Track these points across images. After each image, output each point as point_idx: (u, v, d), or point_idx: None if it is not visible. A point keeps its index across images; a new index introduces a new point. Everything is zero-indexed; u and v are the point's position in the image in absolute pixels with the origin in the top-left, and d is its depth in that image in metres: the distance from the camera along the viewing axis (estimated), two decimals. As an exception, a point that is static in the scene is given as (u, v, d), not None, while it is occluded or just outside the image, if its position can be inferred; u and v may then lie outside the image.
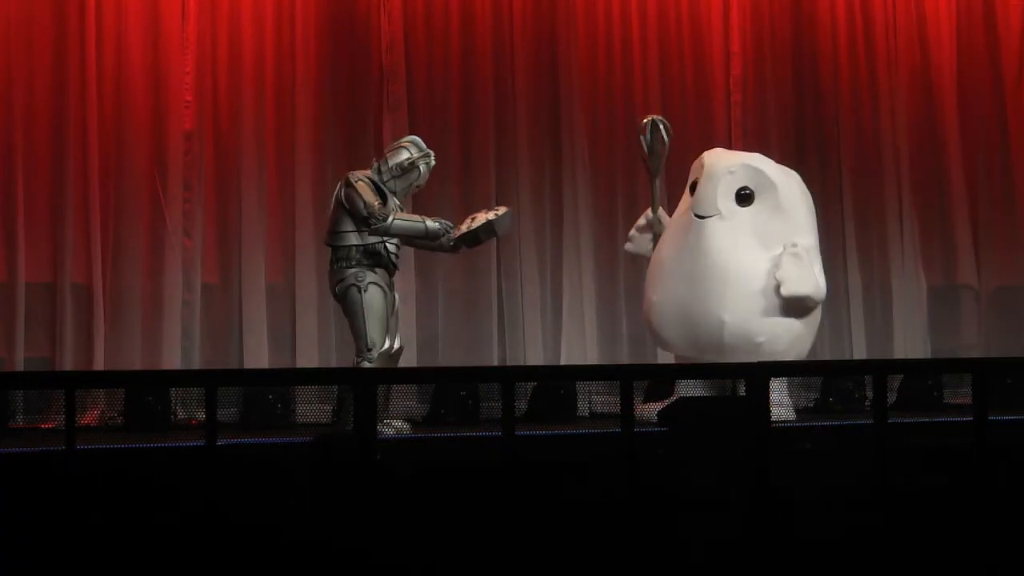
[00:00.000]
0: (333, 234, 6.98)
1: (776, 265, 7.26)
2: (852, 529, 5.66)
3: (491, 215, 7.17)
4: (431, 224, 7.02)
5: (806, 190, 7.71)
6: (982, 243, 9.92)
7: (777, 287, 7.23)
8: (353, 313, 6.89)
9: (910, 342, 9.59)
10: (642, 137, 7.64)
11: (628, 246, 8.05)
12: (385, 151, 7.31)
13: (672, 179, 8.29)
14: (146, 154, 8.55)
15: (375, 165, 7.12)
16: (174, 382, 7.39)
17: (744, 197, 7.41)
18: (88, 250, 8.33)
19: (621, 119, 9.44)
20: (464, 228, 7.14)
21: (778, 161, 9.27)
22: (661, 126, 7.64)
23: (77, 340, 8.25)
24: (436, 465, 5.74)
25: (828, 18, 9.86)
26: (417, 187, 7.26)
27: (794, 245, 7.32)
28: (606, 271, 9.22)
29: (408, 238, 7.05)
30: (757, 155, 7.76)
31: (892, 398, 8.24)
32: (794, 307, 7.30)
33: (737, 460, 5.55)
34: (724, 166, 7.46)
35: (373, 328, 6.83)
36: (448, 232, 7.09)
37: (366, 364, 6.83)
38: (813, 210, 7.69)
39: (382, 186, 7.03)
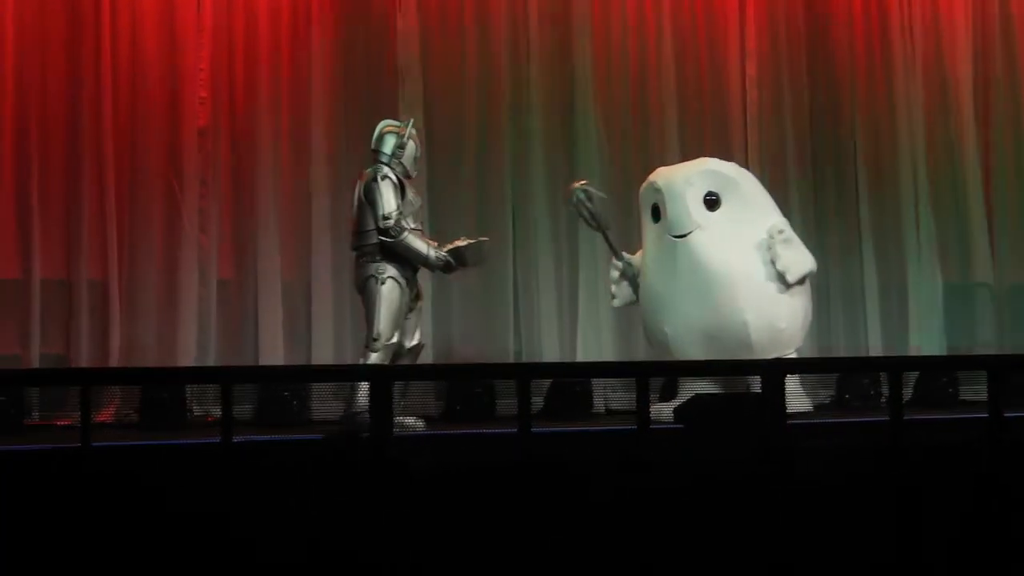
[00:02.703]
0: (359, 235, 7.06)
1: (772, 256, 7.37)
2: (869, 525, 5.64)
3: (465, 242, 7.35)
4: (432, 255, 7.10)
5: (754, 176, 7.91)
6: (998, 241, 9.93)
7: (780, 274, 7.36)
8: (369, 304, 6.96)
9: (926, 339, 9.58)
10: (579, 207, 7.70)
11: (615, 303, 8.03)
12: (373, 148, 7.28)
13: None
14: (161, 150, 8.56)
15: (380, 165, 7.12)
16: (189, 379, 7.40)
17: (712, 202, 7.45)
18: (104, 246, 8.34)
19: (636, 117, 9.44)
20: (451, 246, 7.30)
21: (794, 160, 9.37)
22: (591, 190, 7.70)
23: (92, 337, 8.27)
24: (451, 462, 5.73)
25: (844, 16, 9.85)
26: (420, 157, 7.36)
27: (780, 231, 7.44)
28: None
29: (409, 255, 7.07)
30: (705, 159, 7.86)
31: (908, 395, 8.23)
32: (798, 284, 7.51)
33: (755, 457, 5.54)
34: (682, 180, 7.52)
35: (383, 320, 6.88)
36: (443, 263, 7.18)
37: (371, 355, 6.89)
38: (767, 192, 7.84)
39: (402, 179, 7.05)
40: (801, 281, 7.50)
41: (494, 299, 9.03)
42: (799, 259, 7.46)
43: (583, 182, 7.85)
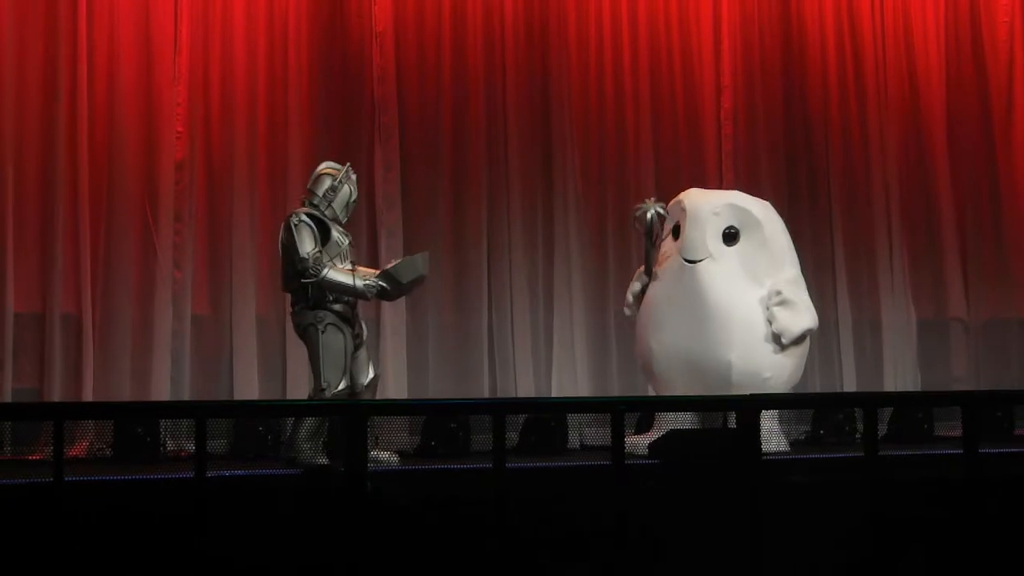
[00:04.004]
0: (289, 279, 6.98)
1: (769, 317, 7.36)
2: (845, 561, 5.65)
3: (392, 263, 7.19)
4: (360, 283, 6.96)
5: (780, 219, 7.82)
6: (971, 277, 9.97)
7: (776, 336, 7.34)
8: (312, 352, 6.90)
9: (900, 375, 9.61)
10: (649, 223, 7.56)
11: (627, 311, 7.98)
12: (307, 186, 7.23)
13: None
14: (137, 184, 8.54)
15: (306, 201, 7.10)
16: (164, 413, 7.36)
17: (730, 236, 7.47)
18: (78, 280, 8.30)
19: (612, 152, 9.48)
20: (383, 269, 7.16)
21: (769, 194, 9.37)
22: (662, 211, 7.60)
23: (66, 371, 8.21)
24: (426, 497, 5.72)
25: (818, 52, 9.93)
26: (354, 203, 7.23)
27: (778, 293, 7.40)
28: (597, 304, 9.23)
29: (339, 292, 6.99)
30: (736, 192, 7.87)
31: (883, 431, 8.26)
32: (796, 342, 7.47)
33: (729, 492, 5.54)
34: (709, 208, 7.52)
35: (329, 369, 6.82)
36: (377, 290, 7.03)
37: None
38: (789, 237, 7.80)
39: (324, 219, 7.02)
40: (798, 341, 7.46)
41: (469, 335, 9.02)
42: (796, 320, 7.38)
43: (655, 200, 7.70)
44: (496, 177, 9.20)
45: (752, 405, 5.76)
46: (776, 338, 7.36)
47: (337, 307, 6.93)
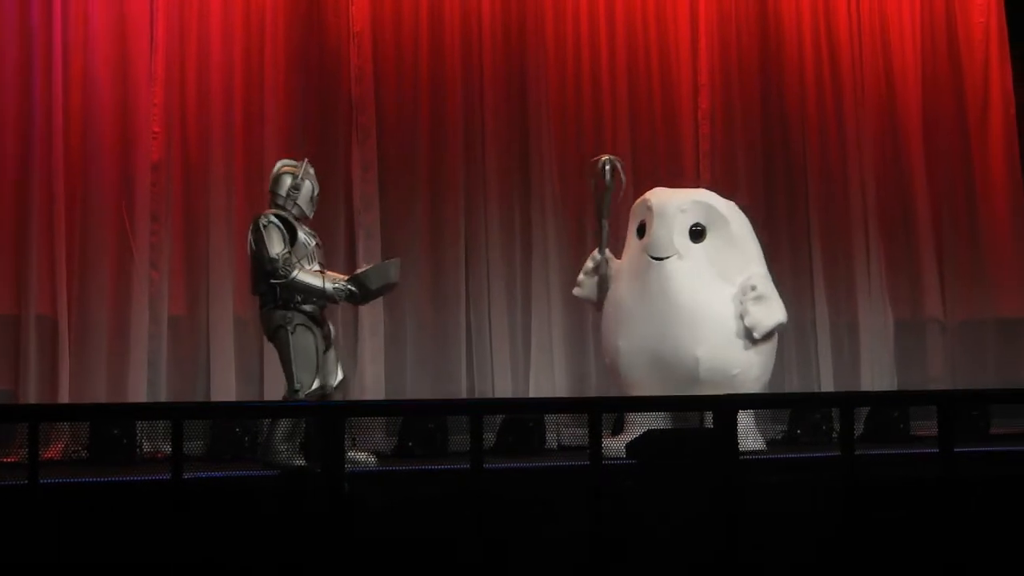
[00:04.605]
0: (257, 281, 6.97)
1: (742, 312, 7.38)
2: (821, 561, 5.66)
3: (363, 268, 7.26)
4: (329, 287, 6.95)
5: (746, 218, 7.85)
6: (948, 277, 10.00)
7: (748, 330, 7.37)
8: (283, 354, 6.89)
9: (877, 375, 9.64)
10: (599, 176, 7.64)
11: (576, 291, 8.02)
12: (269, 189, 7.21)
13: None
14: (113, 185, 8.50)
15: (272, 201, 7.08)
16: (140, 415, 7.32)
17: (697, 233, 7.49)
18: (53, 282, 8.25)
19: (590, 151, 9.42)
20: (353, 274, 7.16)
21: (746, 194, 9.39)
22: (618, 165, 7.68)
23: (41, 373, 8.17)
24: (404, 498, 5.71)
25: (795, 52, 9.96)
26: (317, 197, 7.21)
27: (753, 288, 7.43)
28: (575, 304, 9.20)
29: (308, 294, 6.99)
30: (702, 190, 7.88)
31: (859, 430, 8.29)
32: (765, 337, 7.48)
33: (707, 492, 5.55)
34: (675, 205, 7.54)
35: (301, 370, 6.82)
36: (346, 294, 7.01)
37: None
38: (755, 236, 7.84)
39: (291, 219, 7.01)
40: (768, 336, 7.50)
41: (447, 335, 9.01)
42: (768, 314, 7.43)
43: (614, 156, 7.78)
44: (473, 177, 9.20)
45: (730, 405, 5.78)
46: (747, 333, 7.38)
47: (306, 308, 6.92)
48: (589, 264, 7.88)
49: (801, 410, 8.61)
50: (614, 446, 6.62)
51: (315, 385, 6.82)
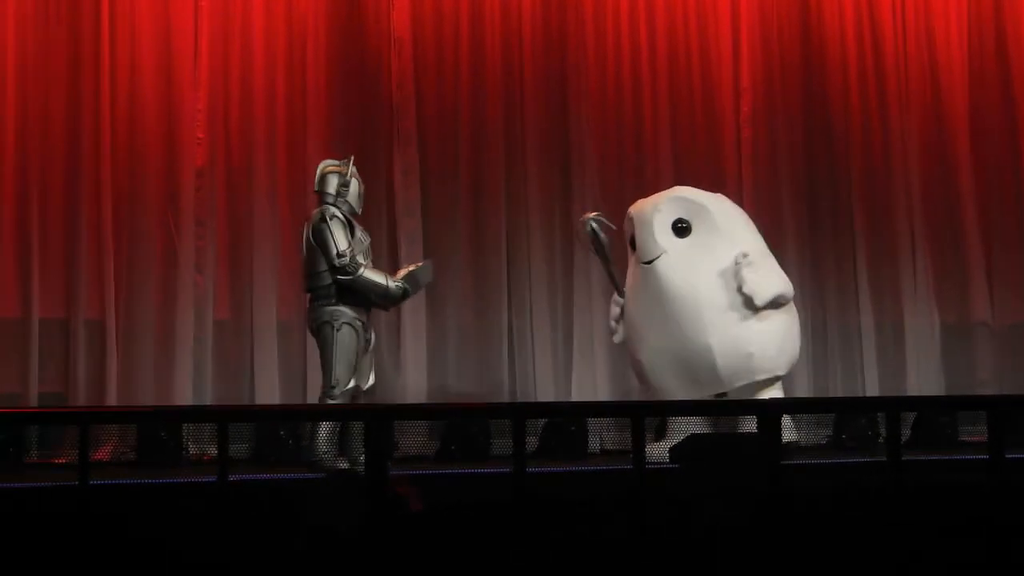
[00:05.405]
0: (311, 277, 7.03)
1: (739, 281, 7.28)
2: (868, 567, 5.62)
3: (413, 267, 7.36)
4: (392, 285, 7.06)
5: (736, 206, 7.83)
6: (996, 280, 9.87)
7: (748, 300, 7.25)
8: (325, 349, 6.93)
9: (924, 380, 9.53)
10: (590, 238, 7.69)
11: (616, 338, 7.95)
12: (316, 190, 7.26)
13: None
14: (158, 191, 8.59)
15: (327, 206, 7.09)
16: (186, 418, 7.39)
17: (681, 230, 7.46)
18: (101, 286, 8.36)
19: (631, 155, 9.47)
20: (403, 272, 7.29)
21: (789, 199, 9.33)
22: (603, 220, 7.71)
23: (90, 376, 8.27)
24: (446, 502, 5.72)
25: (838, 54, 9.87)
26: (363, 194, 7.29)
27: (744, 255, 7.35)
28: (616, 307, 9.23)
29: (370, 291, 7.03)
30: (681, 187, 7.85)
31: (906, 435, 8.22)
32: (768, 308, 7.36)
33: (751, 497, 5.52)
34: (650, 207, 7.55)
35: (340, 366, 6.87)
36: (402, 292, 7.13)
37: (328, 401, 6.92)
38: (749, 221, 7.77)
39: (349, 217, 7.08)
40: (774, 305, 7.36)
41: (489, 339, 9.02)
42: (767, 282, 7.32)
43: (595, 213, 7.84)
44: (515, 181, 9.20)
45: (774, 410, 5.75)
46: (749, 303, 7.27)
47: (354, 308, 6.96)
48: (615, 310, 7.86)
49: (847, 415, 8.54)
50: (657, 451, 6.61)
51: (351, 383, 6.88)
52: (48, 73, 8.47)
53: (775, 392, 7.42)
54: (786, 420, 7.14)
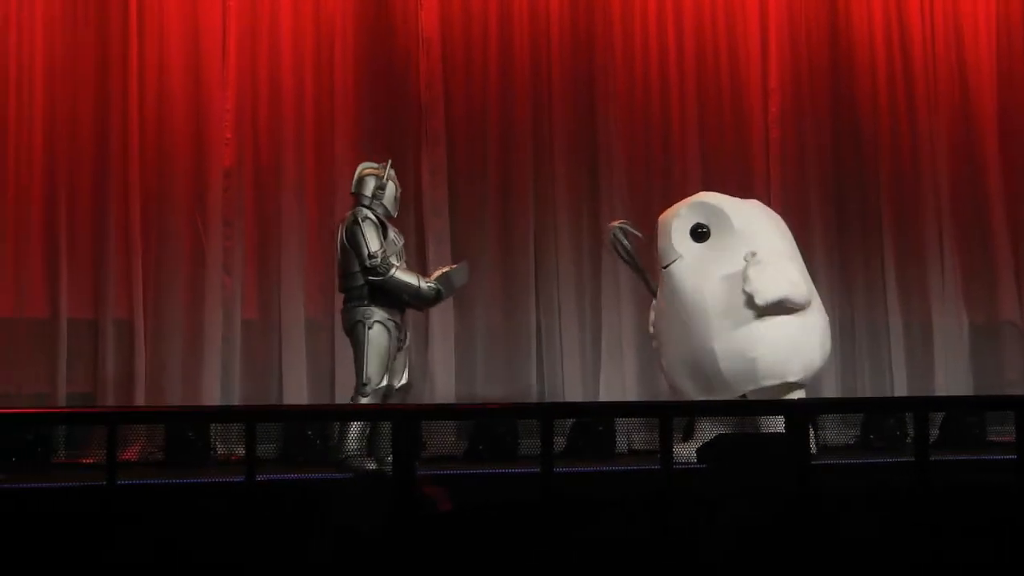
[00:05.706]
0: (345, 277, 7.08)
1: (744, 279, 7.21)
2: (896, 567, 5.60)
3: (448, 268, 7.37)
4: (424, 286, 7.10)
5: (766, 208, 7.81)
6: (1024, 279, 9.84)
7: (750, 299, 7.18)
8: (357, 348, 6.98)
9: (952, 381, 9.49)
10: (615, 246, 7.72)
11: (655, 343, 7.93)
12: (352, 192, 7.28)
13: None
14: (186, 191, 8.62)
15: (360, 208, 7.11)
16: (214, 418, 7.42)
17: (701, 235, 7.44)
18: (129, 287, 8.40)
19: (659, 155, 9.45)
20: (437, 274, 7.30)
21: (817, 200, 9.29)
22: (627, 227, 7.72)
23: (118, 376, 8.31)
24: (474, 502, 5.72)
25: (867, 56, 9.83)
26: (399, 196, 7.32)
27: (753, 254, 7.29)
28: (644, 308, 9.16)
29: (402, 292, 7.06)
30: (705, 192, 7.86)
31: (934, 436, 8.18)
32: (776, 312, 7.23)
33: (779, 497, 5.51)
34: (670, 213, 7.59)
35: (372, 365, 6.91)
36: (435, 294, 7.16)
37: (361, 399, 6.94)
38: (780, 225, 7.70)
39: (383, 219, 7.12)
40: (782, 309, 7.22)
41: (517, 340, 9.02)
42: (772, 282, 7.18)
43: (621, 221, 7.86)
44: (543, 181, 9.20)
45: (803, 411, 5.74)
46: (751, 302, 7.19)
47: (387, 308, 6.99)
48: (653, 315, 7.86)
49: (874, 415, 8.51)
50: (685, 451, 6.60)
51: (383, 382, 6.90)
52: (76, 74, 8.51)
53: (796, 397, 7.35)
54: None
